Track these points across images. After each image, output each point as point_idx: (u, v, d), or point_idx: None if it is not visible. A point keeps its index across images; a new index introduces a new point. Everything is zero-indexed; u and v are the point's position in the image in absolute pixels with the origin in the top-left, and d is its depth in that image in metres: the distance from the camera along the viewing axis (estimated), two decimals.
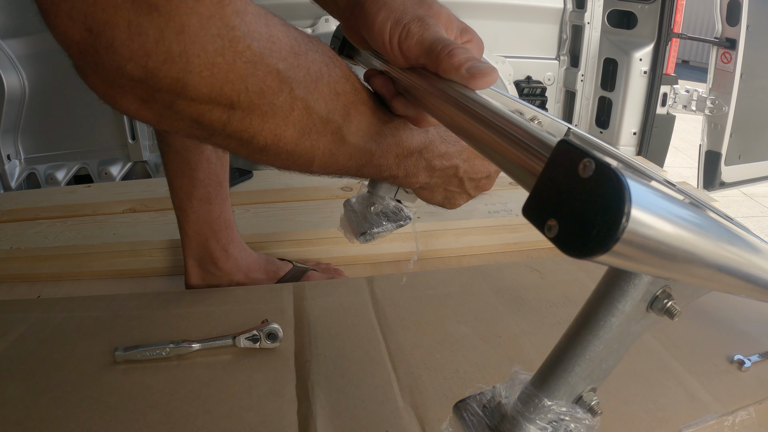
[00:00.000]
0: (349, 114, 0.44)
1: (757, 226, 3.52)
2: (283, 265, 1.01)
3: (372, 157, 0.49)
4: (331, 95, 0.42)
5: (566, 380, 0.35)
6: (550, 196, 0.25)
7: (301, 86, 0.39)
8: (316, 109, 0.41)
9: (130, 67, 0.31)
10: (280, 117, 0.39)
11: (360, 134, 0.47)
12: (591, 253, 0.22)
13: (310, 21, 1.66)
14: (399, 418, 0.65)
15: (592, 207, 0.22)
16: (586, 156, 0.23)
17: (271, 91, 0.37)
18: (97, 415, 0.64)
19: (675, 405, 0.69)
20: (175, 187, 0.88)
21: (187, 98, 0.34)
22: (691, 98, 1.88)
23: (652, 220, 0.22)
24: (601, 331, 0.34)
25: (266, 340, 0.76)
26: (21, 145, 1.67)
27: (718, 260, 0.27)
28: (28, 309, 0.87)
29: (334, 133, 0.44)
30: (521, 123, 0.32)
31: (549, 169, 0.25)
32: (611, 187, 0.21)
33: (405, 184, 0.57)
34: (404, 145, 0.52)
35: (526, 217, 0.26)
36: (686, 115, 2.04)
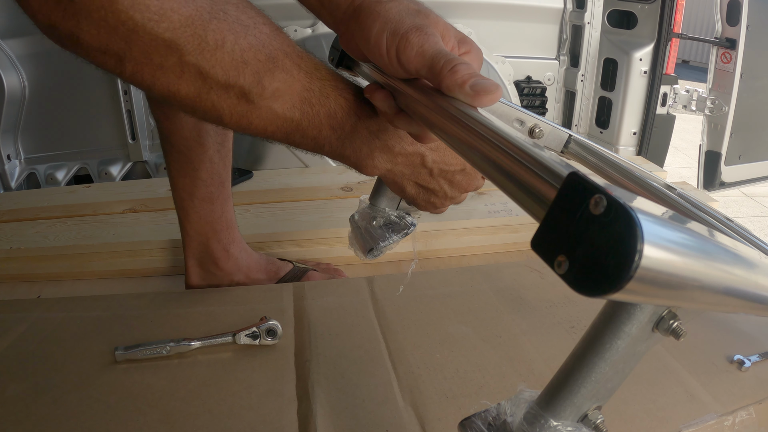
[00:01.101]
0: (262, 81, 0.45)
1: (757, 226, 3.52)
2: (283, 265, 1.01)
3: (299, 127, 0.49)
4: (235, 62, 0.44)
5: (572, 401, 0.35)
6: (560, 231, 0.24)
7: (193, 54, 0.42)
8: (211, 74, 0.43)
9: (40, 17, 0.40)
10: (171, 76, 0.43)
11: (278, 101, 0.47)
12: (603, 292, 0.22)
13: (310, 21, 1.66)
14: (399, 417, 0.65)
15: (603, 245, 0.22)
16: (597, 192, 0.22)
17: (158, 54, 0.41)
18: (97, 414, 0.64)
19: (675, 405, 0.69)
20: (177, 187, 0.88)
21: (83, 47, 0.41)
22: (691, 98, 1.88)
23: (663, 255, 0.22)
24: (607, 354, 0.34)
25: (266, 337, 0.76)
26: (21, 145, 1.67)
27: (726, 285, 0.27)
28: (28, 309, 0.87)
29: (241, 97, 0.45)
30: (530, 150, 0.31)
31: (559, 202, 0.25)
32: (623, 225, 0.21)
33: (360, 167, 0.54)
34: (340, 117, 0.50)
35: (535, 251, 0.25)
36: (686, 115, 2.04)
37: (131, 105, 1.64)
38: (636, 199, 0.23)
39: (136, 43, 0.40)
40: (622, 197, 0.22)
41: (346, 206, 1.24)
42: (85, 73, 1.63)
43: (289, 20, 1.63)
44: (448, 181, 0.58)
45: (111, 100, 1.64)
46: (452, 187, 0.59)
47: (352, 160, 0.53)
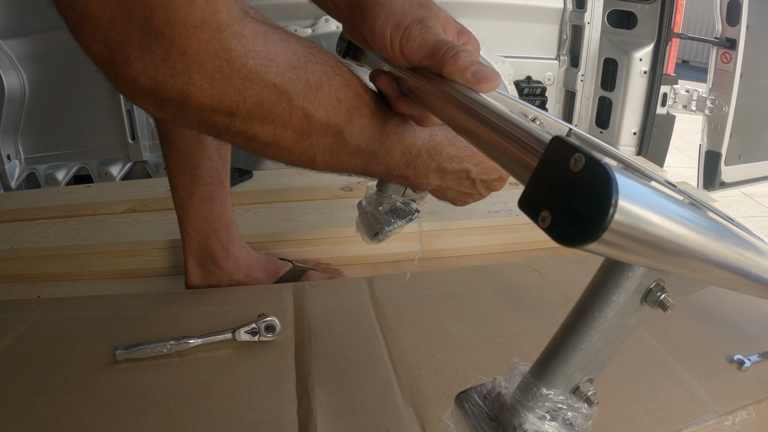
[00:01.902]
0: (352, 118, 0.47)
1: (757, 226, 3.52)
2: (283, 264, 1.02)
3: (376, 156, 0.51)
4: (332, 102, 0.45)
5: (563, 370, 0.36)
6: (543, 189, 0.26)
7: (300, 97, 0.43)
8: (315, 116, 0.44)
9: (142, 79, 0.36)
10: (278, 123, 0.43)
11: (363, 136, 0.49)
12: (582, 241, 0.23)
13: (310, 21, 1.66)
14: (399, 417, 0.65)
15: (582, 199, 0.23)
16: (577, 151, 0.24)
17: (269, 102, 0.41)
18: (97, 414, 0.64)
19: (675, 404, 0.69)
20: (177, 185, 0.88)
21: (192, 106, 0.39)
22: (691, 98, 1.88)
23: (639, 211, 0.23)
24: (597, 322, 0.35)
25: (265, 333, 0.77)
26: (21, 145, 1.67)
27: (706, 252, 0.28)
28: (28, 309, 0.87)
29: (335, 136, 0.47)
30: (518, 121, 0.33)
31: (543, 164, 0.27)
32: (600, 179, 0.23)
33: (416, 185, 0.58)
34: (407, 143, 0.53)
35: (521, 209, 0.27)
36: (686, 115, 2.04)
37: (131, 105, 1.64)
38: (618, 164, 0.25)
39: (250, 92, 0.40)
40: (601, 157, 0.23)
41: (346, 206, 1.24)
42: (85, 73, 1.63)
43: (289, 20, 1.63)
44: (485, 187, 0.63)
45: (111, 100, 1.64)
46: (488, 190, 0.64)
47: (411, 180, 0.57)
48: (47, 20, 1.53)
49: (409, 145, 0.54)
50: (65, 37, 1.30)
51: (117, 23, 0.34)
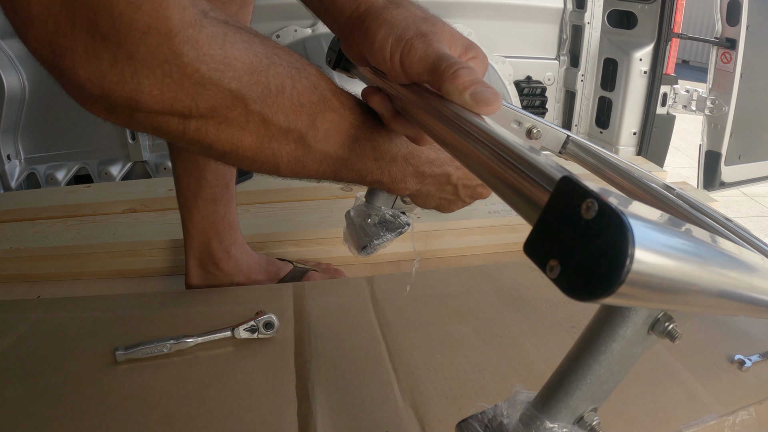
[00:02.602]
0: (315, 123, 0.46)
1: (757, 226, 3.52)
2: (283, 265, 1.01)
3: (346, 162, 0.50)
4: (294, 107, 0.44)
5: (567, 403, 0.35)
6: (552, 235, 0.24)
7: (257, 102, 0.41)
8: (274, 121, 0.43)
9: (89, 86, 0.35)
10: (235, 128, 0.42)
11: (329, 141, 0.47)
12: (594, 297, 0.22)
13: (310, 21, 1.66)
14: (399, 418, 0.65)
15: (595, 250, 0.22)
16: (589, 196, 0.22)
17: (224, 106, 0.40)
18: (96, 415, 0.64)
19: (675, 405, 0.69)
20: (182, 186, 0.88)
21: (142, 111, 0.38)
22: (691, 98, 1.88)
23: (655, 259, 0.22)
24: (603, 356, 0.34)
25: (264, 330, 0.77)
26: (21, 145, 1.67)
27: (721, 288, 0.27)
28: (28, 309, 0.87)
29: (298, 142, 0.46)
30: (524, 153, 0.31)
31: (551, 206, 0.25)
32: (615, 230, 0.21)
33: (393, 190, 0.56)
34: (381, 149, 0.52)
35: (526, 254, 0.25)
36: (686, 115, 2.04)
37: None
38: (629, 203, 0.23)
39: (203, 97, 0.39)
40: (614, 201, 0.22)
41: (346, 206, 1.23)
42: None
43: (289, 20, 1.63)
44: (470, 194, 0.61)
45: None
46: (472, 197, 0.62)
47: (386, 185, 0.55)
48: None
49: (383, 151, 0.52)
50: None
51: (62, 27, 0.33)
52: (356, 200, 0.64)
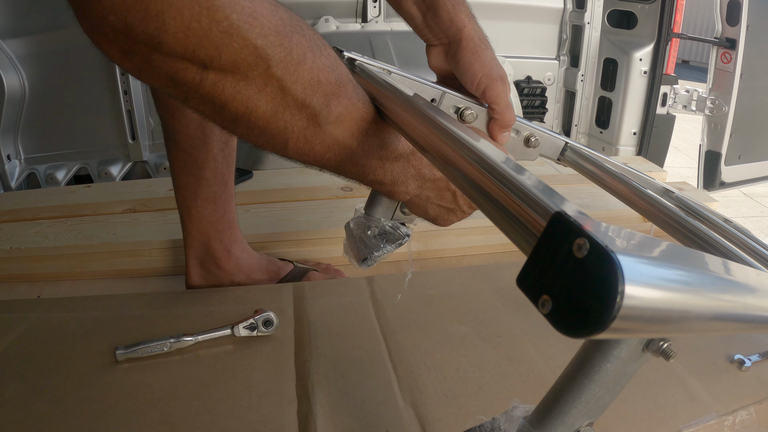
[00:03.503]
0: (330, 104, 0.46)
1: (757, 226, 3.52)
2: (284, 265, 1.01)
3: (353, 155, 0.50)
4: (312, 81, 0.43)
5: (563, 420, 0.36)
6: (544, 272, 0.25)
7: (279, 66, 0.40)
8: (292, 90, 0.42)
9: (112, 18, 0.34)
10: (252, 89, 0.41)
11: (340, 127, 0.48)
12: (586, 333, 0.22)
13: (310, 21, 1.66)
14: (399, 417, 0.65)
15: (586, 288, 0.22)
16: (581, 236, 0.23)
17: (246, 64, 0.39)
18: (96, 414, 0.64)
19: (675, 405, 0.69)
20: (181, 186, 0.87)
21: (162, 53, 0.36)
22: (691, 98, 1.88)
23: (646, 294, 0.22)
24: (597, 376, 0.35)
25: (263, 327, 0.78)
26: (21, 145, 1.67)
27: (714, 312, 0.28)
28: (28, 309, 0.87)
29: (311, 119, 0.45)
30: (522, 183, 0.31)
31: (544, 241, 0.25)
32: (605, 269, 0.22)
33: (393, 193, 0.56)
34: (389, 147, 0.53)
35: (520, 288, 0.26)
36: (686, 115, 2.04)
37: (131, 105, 1.64)
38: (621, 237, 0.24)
39: (227, 48, 0.37)
40: (605, 239, 0.22)
41: (346, 206, 1.24)
42: (85, 73, 1.63)
43: None
44: (468, 203, 0.61)
45: (111, 100, 1.64)
46: (471, 206, 0.61)
47: (388, 187, 0.56)
48: (47, 20, 1.53)
49: (389, 149, 0.53)
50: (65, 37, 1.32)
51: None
52: (355, 212, 0.65)
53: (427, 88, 0.62)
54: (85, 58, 1.60)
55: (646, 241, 0.26)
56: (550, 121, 2.05)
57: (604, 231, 0.23)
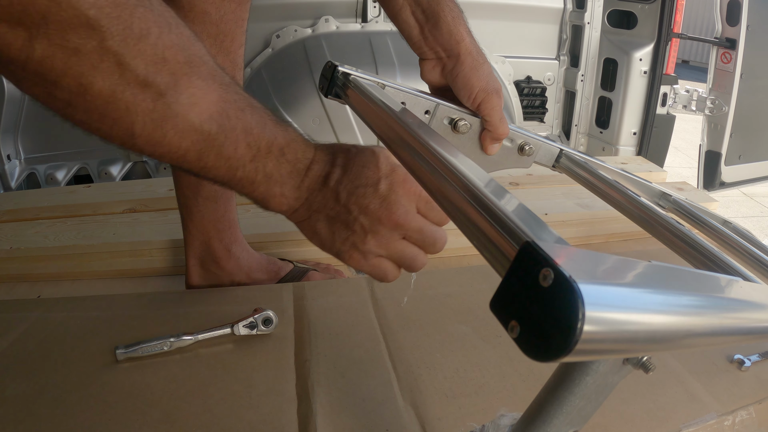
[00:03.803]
0: (178, 84, 0.42)
1: (757, 226, 3.52)
2: (284, 265, 1.01)
3: (213, 142, 0.45)
4: (156, 59, 0.40)
5: (545, 430, 0.37)
6: (514, 298, 0.26)
7: (116, 39, 0.37)
8: (132, 66, 0.39)
9: None
10: (86, 64, 0.37)
11: (194, 109, 0.43)
12: (550, 358, 0.24)
13: (310, 21, 1.66)
14: (399, 417, 0.65)
15: (550, 316, 0.24)
16: (547, 265, 0.24)
17: (77, 34, 0.36)
18: (97, 413, 0.64)
19: (675, 404, 0.69)
20: (182, 185, 0.87)
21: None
22: (691, 98, 1.88)
23: (609, 317, 0.24)
24: (577, 389, 0.36)
25: (262, 326, 0.78)
26: (21, 145, 1.67)
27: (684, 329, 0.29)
28: (28, 309, 0.87)
29: (156, 100, 0.41)
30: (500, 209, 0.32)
31: (514, 269, 0.27)
32: (566, 298, 0.23)
33: (268, 199, 0.50)
34: (256, 133, 0.47)
35: (492, 312, 0.27)
36: (686, 115, 2.04)
37: None
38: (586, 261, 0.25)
39: (55, 16, 0.34)
40: (570, 269, 0.24)
41: None
42: None
43: (289, 20, 1.63)
44: (361, 208, 0.50)
45: None
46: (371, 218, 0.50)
47: (261, 190, 0.49)
48: None
49: (260, 137, 0.47)
50: None
51: None
52: None
53: (421, 100, 0.63)
54: None
55: (617, 265, 0.27)
56: (550, 121, 2.05)
57: (572, 260, 0.25)
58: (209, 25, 0.77)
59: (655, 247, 0.61)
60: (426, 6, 0.64)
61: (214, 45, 0.79)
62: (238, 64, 0.83)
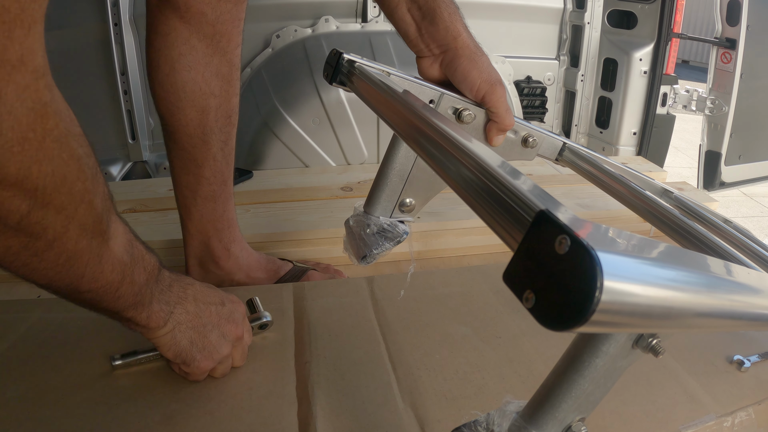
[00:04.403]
0: (110, 217, 0.47)
1: (757, 226, 3.52)
2: (283, 264, 1.02)
3: (125, 268, 0.50)
4: (102, 194, 0.43)
5: (553, 414, 0.36)
6: (528, 268, 0.26)
7: (90, 178, 0.40)
8: (95, 204, 0.42)
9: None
10: (70, 209, 0.39)
11: (117, 242, 0.48)
12: (568, 326, 0.23)
13: (310, 21, 1.66)
14: (399, 419, 0.65)
15: (567, 283, 0.23)
16: (563, 232, 0.24)
17: (72, 178, 0.37)
18: (97, 415, 0.64)
19: (674, 405, 0.69)
20: (180, 185, 0.88)
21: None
22: (691, 98, 1.88)
23: (625, 289, 0.23)
24: (587, 371, 0.35)
25: (259, 329, 0.77)
26: None
27: (699, 309, 0.28)
28: (28, 309, 0.87)
29: (102, 235, 0.45)
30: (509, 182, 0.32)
31: (528, 239, 0.26)
32: (585, 264, 0.22)
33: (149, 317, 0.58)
34: (149, 260, 0.55)
35: (506, 284, 0.27)
36: (686, 115, 2.04)
37: (131, 105, 1.64)
38: (604, 234, 0.25)
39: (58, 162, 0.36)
40: (587, 235, 0.23)
41: (346, 206, 1.24)
42: (85, 73, 1.63)
43: (289, 20, 1.63)
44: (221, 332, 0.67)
45: (111, 100, 1.64)
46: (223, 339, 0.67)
47: (145, 311, 0.57)
48: (47, 20, 1.53)
49: (152, 264, 0.56)
50: (65, 37, 1.32)
51: None
52: (355, 210, 0.65)
53: (425, 90, 0.62)
54: (85, 58, 1.60)
55: (630, 238, 0.26)
56: (550, 121, 2.05)
57: (587, 229, 0.24)
58: (206, 25, 0.77)
59: None
60: (422, 3, 0.63)
61: (211, 45, 0.79)
62: (235, 64, 0.83)
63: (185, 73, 0.79)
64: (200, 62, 0.79)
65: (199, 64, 0.79)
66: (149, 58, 0.80)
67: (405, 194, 0.62)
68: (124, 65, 1.59)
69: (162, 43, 0.78)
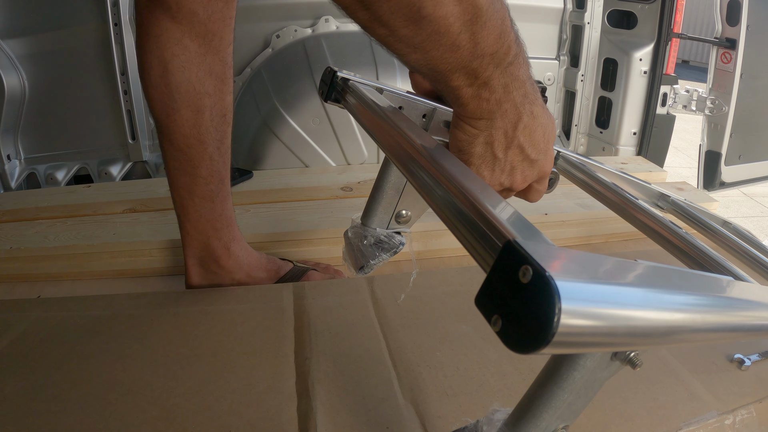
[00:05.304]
0: None
1: (757, 226, 3.52)
2: (284, 264, 1.01)
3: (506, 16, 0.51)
4: None
5: (536, 424, 0.38)
6: (497, 292, 0.28)
7: None
8: None
9: None
10: None
11: None
12: (531, 350, 0.25)
13: (310, 21, 1.66)
14: (399, 415, 0.65)
15: (529, 310, 0.25)
16: (525, 262, 0.26)
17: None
18: (96, 411, 0.64)
19: (675, 403, 0.69)
20: (177, 186, 0.87)
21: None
22: (691, 98, 1.88)
23: (586, 311, 0.25)
24: (566, 383, 0.37)
25: None
26: (21, 145, 1.67)
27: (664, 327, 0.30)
28: (28, 309, 0.87)
29: None
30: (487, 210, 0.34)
31: (497, 267, 0.28)
32: (544, 295, 0.25)
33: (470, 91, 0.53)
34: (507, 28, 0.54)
35: (477, 307, 0.29)
36: (686, 115, 2.04)
37: (131, 105, 1.64)
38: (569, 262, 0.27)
39: None
40: (548, 266, 0.25)
41: (346, 206, 1.24)
42: (85, 73, 1.63)
43: (289, 20, 1.63)
44: (512, 167, 0.55)
45: (111, 100, 1.64)
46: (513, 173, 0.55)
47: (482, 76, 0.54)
48: (47, 20, 1.54)
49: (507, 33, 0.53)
50: (65, 37, 1.32)
51: None
52: (353, 222, 0.66)
53: (418, 104, 0.62)
54: (85, 58, 1.60)
55: (603, 263, 0.29)
56: None
57: (552, 258, 0.26)
58: (197, 24, 0.77)
59: (655, 247, 0.61)
60: None
61: (203, 44, 0.79)
62: (228, 63, 0.83)
63: (179, 73, 0.79)
64: (193, 62, 0.79)
65: (192, 63, 0.79)
66: (141, 61, 0.80)
67: (401, 206, 0.63)
68: (124, 65, 1.59)
69: (154, 45, 0.78)
